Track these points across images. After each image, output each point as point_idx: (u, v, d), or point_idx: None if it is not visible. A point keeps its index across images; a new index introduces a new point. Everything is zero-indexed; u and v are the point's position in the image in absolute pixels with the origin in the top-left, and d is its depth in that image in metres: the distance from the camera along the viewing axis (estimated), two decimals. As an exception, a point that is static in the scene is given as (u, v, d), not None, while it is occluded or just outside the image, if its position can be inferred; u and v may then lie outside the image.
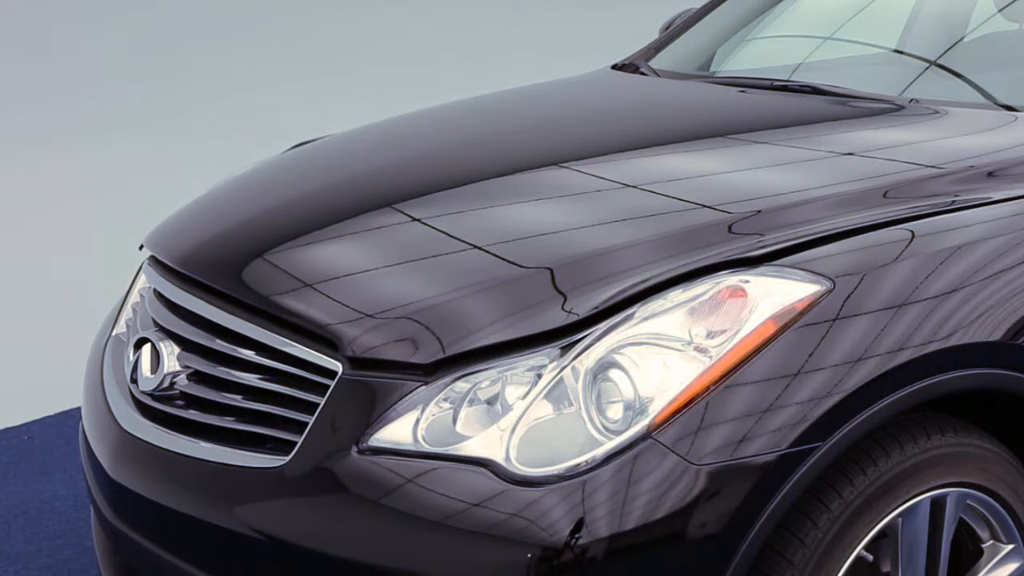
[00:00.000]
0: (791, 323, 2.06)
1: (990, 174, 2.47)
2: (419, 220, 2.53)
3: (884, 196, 2.37)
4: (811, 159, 2.67)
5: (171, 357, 2.37)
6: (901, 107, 2.91)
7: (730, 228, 2.26)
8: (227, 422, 2.26)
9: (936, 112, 2.84)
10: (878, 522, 2.13)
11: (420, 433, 2.05)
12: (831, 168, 2.58)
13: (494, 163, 2.82)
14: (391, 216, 2.58)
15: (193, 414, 2.31)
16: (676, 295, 2.10)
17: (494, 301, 2.26)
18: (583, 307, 2.13)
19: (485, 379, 2.07)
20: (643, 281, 2.14)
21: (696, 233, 2.25)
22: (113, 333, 2.70)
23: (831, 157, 2.66)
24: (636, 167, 2.69)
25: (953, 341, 2.16)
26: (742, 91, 3.21)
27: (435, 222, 2.51)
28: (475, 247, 2.37)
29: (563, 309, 2.31)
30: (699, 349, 2.03)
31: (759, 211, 2.31)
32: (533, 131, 3.07)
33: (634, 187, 2.54)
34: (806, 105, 3.00)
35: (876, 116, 2.91)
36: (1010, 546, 2.34)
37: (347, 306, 2.31)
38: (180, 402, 2.35)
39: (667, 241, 2.24)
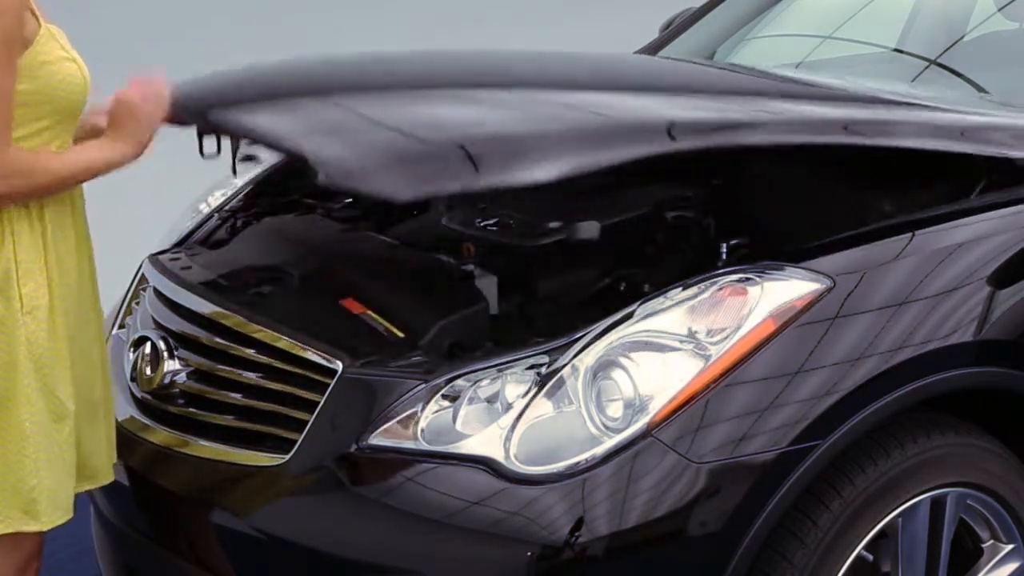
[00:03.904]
0: (791, 321, 2.06)
1: None
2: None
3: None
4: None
5: (171, 355, 2.37)
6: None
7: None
8: (227, 420, 2.26)
9: None
10: (878, 522, 2.13)
11: (420, 431, 2.05)
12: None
13: None
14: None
15: (193, 412, 2.31)
16: (676, 293, 2.10)
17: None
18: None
19: (485, 377, 2.07)
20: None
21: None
22: (113, 332, 2.70)
23: None
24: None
25: (953, 339, 2.16)
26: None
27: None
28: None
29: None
30: (699, 347, 2.03)
31: None
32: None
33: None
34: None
35: None
36: (1010, 546, 2.34)
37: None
38: (180, 400, 2.35)
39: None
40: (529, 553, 1.92)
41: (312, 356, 2.19)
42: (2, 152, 2.01)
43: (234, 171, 2.33)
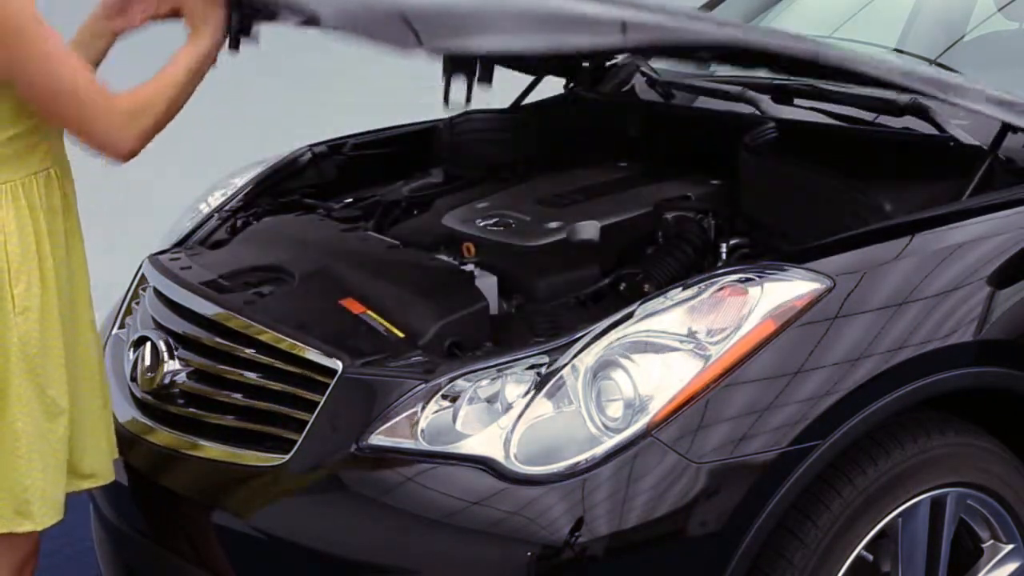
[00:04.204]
0: (791, 321, 2.06)
1: None
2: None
3: None
4: None
5: (171, 356, 2.37)
6: None
7: None
8: (227, 420, 2.26)
9: None
10: (878, 522, 2.13)
11: (420, 431, 2.05)
12: None
13: None
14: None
15: (193, 412, 2.31)
16: (676, 293, 2.10)
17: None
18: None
19: (485, 377, 2.07)
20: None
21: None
22: (113, 332, 2.70)
23: None
24: None
25: (953, 339, 2.16)
26: None
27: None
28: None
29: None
30: (699, 347, 2.03)
31: None
32: None
33: None
34: None
35: None
36: (1010, 546, 2.34)
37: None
38: (180, 401, 2.35)
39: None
40: (529, 553, 1.92)
41: (312, 356, 2.19)
42: (110, 103, 2.06)
43: (234, 46, 2.28)
